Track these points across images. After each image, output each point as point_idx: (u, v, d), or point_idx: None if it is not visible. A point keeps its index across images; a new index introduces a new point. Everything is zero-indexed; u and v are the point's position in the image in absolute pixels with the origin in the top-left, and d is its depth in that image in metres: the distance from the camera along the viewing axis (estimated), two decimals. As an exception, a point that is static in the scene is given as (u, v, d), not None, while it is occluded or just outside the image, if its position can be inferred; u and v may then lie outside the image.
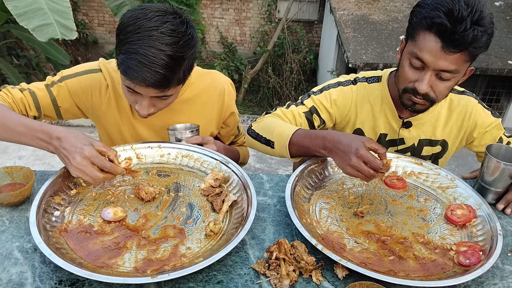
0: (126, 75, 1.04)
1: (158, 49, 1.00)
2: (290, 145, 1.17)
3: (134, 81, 1.04)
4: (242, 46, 10.23)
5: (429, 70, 1.12)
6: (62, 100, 1.27)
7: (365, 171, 1.00)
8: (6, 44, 5.88)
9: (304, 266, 0.87)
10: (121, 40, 1.04)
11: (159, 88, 1.06)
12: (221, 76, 1.46)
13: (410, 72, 1.17)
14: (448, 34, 1.05)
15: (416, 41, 1.12)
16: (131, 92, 1.11)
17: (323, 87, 1.40)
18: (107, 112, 1.33)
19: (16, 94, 1.21)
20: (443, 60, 1.08)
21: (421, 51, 1.10)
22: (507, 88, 7.08)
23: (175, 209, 1.05)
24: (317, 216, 1.06)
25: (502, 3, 7.50)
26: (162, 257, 0.89)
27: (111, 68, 1.31)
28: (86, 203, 1.04)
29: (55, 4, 3.75)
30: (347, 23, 7.24)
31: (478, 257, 0.92)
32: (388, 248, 0.96)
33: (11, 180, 1.08)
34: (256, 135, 1.30)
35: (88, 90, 1.29)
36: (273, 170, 4.18)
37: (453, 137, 1.40)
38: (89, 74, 1.29)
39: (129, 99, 1.17)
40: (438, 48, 1.07)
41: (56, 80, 1.26)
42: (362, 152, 0.99)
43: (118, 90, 1.31)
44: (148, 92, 1.08)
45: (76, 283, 0.83)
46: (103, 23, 9.83)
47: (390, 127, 1.38)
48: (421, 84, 1.13)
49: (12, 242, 0.92)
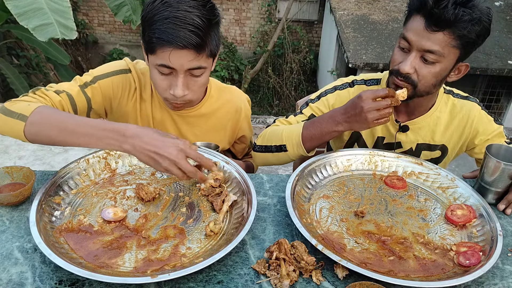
0: (161, 41, 1.05)
1: (187, 11, 1.05)
2: (303, 140, 1.18)
3: (171, 45, 1.05)
4: (242, 46, 10.23)
5: (413, 51, 1.14)
6: (95, 102, 1.24)
7: (383, 111, 1.13)
8: (6, 44, 5.88)
9: (304, 266, 0.87)
10: (148, 17, 1.08)
11: (195, 49, 1.07)
12: (240, 93, 1.47)
13: (398, 54, 1.18)
14: (429, 10, 1.07)
15: (406, 24, 1.16)
16: (165, 74, 1.12)
17: (321, 93, 1.41)
18: (129, 114, 1.32)
19: (54, 97, 1.14)
20: (426, 39, 1.10)
21: (408, 31, 1.14)
22: (507, 88, 7.07)
23: (175, 209, 1.05)
24: (317, 216, 1.06)
25: (502, 3, 7.50)
26: (162, 257, 0.89)
27: (139, 69, 1.30)
28: (86, 203, 1.03)
29: (55, 3, 3.75)
30: (347, 23, 7.24)
31: (478, 257, 0.92)
32: (388, 248, 0.96)
33: (11, 180, 1.08)
34: (264, 147, 1.30)
35: (119, 90, 1.28)
36: (273, 170, 4.18)
37: (454, 142, 1.39)
38: (122, 75, 1.28)
39: (162, 86, 1.15)
40: (421, 27, 1.10)
41: (89, 81, 1.22)
42: (365, 99, 1.13)
43: (143, 94, 1.30)
44: (183, 62, 1.08)
45: (76, 283, 0.83)
46: (103, 23, 9.82)
47: (387, 130, 1.38)
48: (403, 64, 1.15)
49: (12, 242, 0.92)
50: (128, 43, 10.07)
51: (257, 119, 4.89)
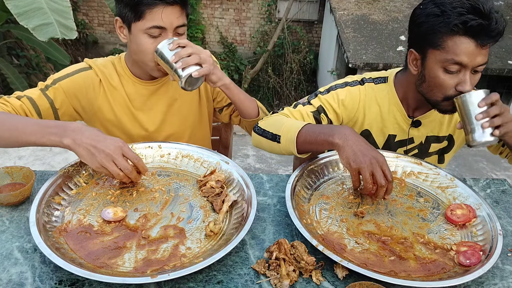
0: (152, 1, 1.12)
1: None
2: (298, 139, 1.15)
3: (162, 2, 1.13)
4: (242, 46, 10.23)
5: (468, 70, 1.14)
6: (59, 102, 1.28)
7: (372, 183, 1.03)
8: (6, 44, 5.88)
9: (304, 266, 0.87)
10: None
11: (181, 5, 1.17)
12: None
13: (448, 79, 1.17)
14: (485, 31, 1.08)
15: (445, 48, 1.13)
16: (154, 35, 1.17)
17: (330, 87, 1.39)
18: (102, 107, 1.34)
19: (15, 102, 1.20)
20: (479, 56, 1.12)
21: (458, 55, 1.12)
22: (507, 88, 7.07)
23: (175, 209, 1.05)
24: (317, 216, 1.06)
25: (502, 3, 7.50)
26: (162, 257, 0.89)
27: (99, 64, 1.35)
28: (86, 203, 1.03)
29: (55, 3, 3.75)
30: (347, 23, 7.25)
31: (479, 257, 0.92)
32: (389, 249, 0.96)
33: (11, 180, 1.08)
34: (263, 131, 1.27)
35: (83, 88, 1.30)
36: (273, 170, 4.18)
37: (458, 130, 1.41)
38: (81, 73, 1.31)
39: (151, 49, 1.19)
40: (473, 47, 1.11)
41: (50, 84, 1.27)
42: (383, 162, 1.04)
43: (111, 83, 1.33)
44: (172, 19, 1.17)
45: (76, 283, 0.83)
46: (103, 23, 9.83)
47: (399, 127, 1.38)
48: (466, 86, 1.15)
49: (12, 242, 0.92)
50: (128, 43, 10.07)
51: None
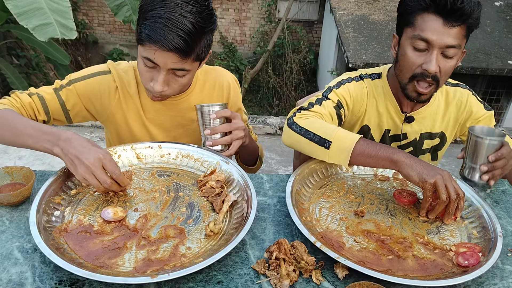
0: (149, 39, 1.06)
1: (182, 15, 1.04)
2: (354, 150, 1.10)
3: (157, 44, 1.05)
4: (242, 46, 10.23)
5: (435, 49, 1.14)
6: (71, 104, 1.27)
7: None
8: (6, 44, 5.88)
9: (304, 266, 0.87)
10: (145, 10, 1.09)
11: (180, 54, 1.07)
12: (226, 72, 1.47)
13: (415, 56, 1.18)
14: (450, 8, 1.09)
15: (415, 25, 1.16)
16: (149, 66, 1.13)
17: (339, 81, 1.37)
18: (116, 113, 1.33)
19: (25, 99, 1.21)
20: (446, 35, 1.12)
21: (424, 31, 1.13)
22: (507, 88, 7.07)
23: (175, 209, 1.05)
24: (317, 214, 1.06)
25: (502, 3, 7.50)
26: (162, 257, 0.89)
27: (120, 69, 1.32)
28: (86, 203, 1.04)
29: (55, 3, 3.75)
30: (347, 23, 7.24)
31: (477, 258, 0.92)
32: (387, 248, 0.97)
33: (11, 180, 1.08)
34: (305, 131, 1.18)
35: (97, 92, 1.30)
36: (273, 170, 4.18)
37: (450, 128, 1.43)
38: (98, 77, 1.30)
39: (145, 76, 1.17)
40: (440, 25, 1.11)
41: (65, 84, 1.27)
42: (449, 178, 1.02)
43: (128, 91, 1.32)
44: (167, 61, 1.09)
45: (76, 283, 0.83)
46: (103, 23, 9.83)
47: (393, 122, 1.40)
48: (430, 64, 1.15)
49: (12, 242, 0.92)
50: (128, 43, 10.07)
51: (257, 119, 4.87)
